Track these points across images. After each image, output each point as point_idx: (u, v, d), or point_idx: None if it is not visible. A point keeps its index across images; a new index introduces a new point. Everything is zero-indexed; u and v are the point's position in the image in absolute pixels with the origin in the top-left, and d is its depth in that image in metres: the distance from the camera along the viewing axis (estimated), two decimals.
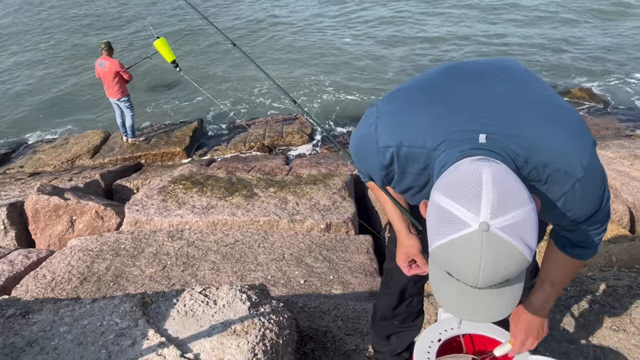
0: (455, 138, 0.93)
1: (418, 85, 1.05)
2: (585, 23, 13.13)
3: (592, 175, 0.96)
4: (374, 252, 3.48)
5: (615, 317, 2.00)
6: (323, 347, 1.88)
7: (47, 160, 7.66)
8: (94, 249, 3.43)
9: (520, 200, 0.79)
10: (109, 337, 1.47)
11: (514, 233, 0.77)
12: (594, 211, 1.02)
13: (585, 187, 0.96)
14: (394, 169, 1.04)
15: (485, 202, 0.77)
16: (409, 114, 1.00)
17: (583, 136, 0.97)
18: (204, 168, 5.26)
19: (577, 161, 0.93)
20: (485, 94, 0.98)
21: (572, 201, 0.97)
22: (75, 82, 11.62)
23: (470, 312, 0.90)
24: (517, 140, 0.91)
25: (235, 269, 3.15)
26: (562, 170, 0.93)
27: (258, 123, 8.65)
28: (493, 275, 0.78)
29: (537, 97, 0.99)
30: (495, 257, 0.77)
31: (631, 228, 3.99)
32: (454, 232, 0.78)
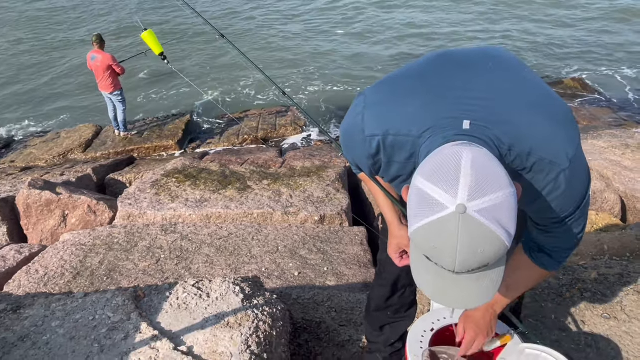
0: (440, 125, 0.92)
1: (405, 74, 1.05)
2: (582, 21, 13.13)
3: (577, 167, 0.96)
4: (368, 243, 3.49)
5: (607, 304, 2.01)
6: (317, 338, 1.89)
7: (39, 154, 7.59)
8: (86, 243, 3.41)
9: (499, 184, 0.78)
10: (102, 331, 1.46)
11: (491, 216, 0.76)
12: (575, 207, 1.01)
13: (570, 179, 0.95)
14: (381, 158, 1.04)
15: (463, 184, 0.77)
16: (395, 103, 1.00)
17: (569, 127, 0.96)
18: (197, 161, 5.24)
19: (563, 151, 0.93)
20: (472, 82, 0.97)
21: (555, 192, 0.97)
22: (64, 75, 11.50)
23: (450, 298, 0.90)
24: (501, 127, 0.91)
25: (229, 262, 3.15)
26: (546, 159, 0.93)
27: (251, 115, 8.61)
28: (470, 258, 0.78)
29: (524, 86, 0.99)
30: (472, 240, 0.77)
31: (622, 217, 4.03)
32: (431, 215, 0.78)
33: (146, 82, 10.64)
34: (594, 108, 8.37)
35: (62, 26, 15.27)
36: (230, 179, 4.55)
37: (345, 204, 4.00)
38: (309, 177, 4.56)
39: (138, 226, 3.66)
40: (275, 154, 6.36)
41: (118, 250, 3.31)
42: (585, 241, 3.12)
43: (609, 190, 4.12)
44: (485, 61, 1.02)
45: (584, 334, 1.87)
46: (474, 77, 0.98)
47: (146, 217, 3.91)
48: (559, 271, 2.31)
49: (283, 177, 4.56)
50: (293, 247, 3.32)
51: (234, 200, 4.06)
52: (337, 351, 1.82)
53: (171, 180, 4.53)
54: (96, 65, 7.04)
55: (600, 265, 2.37)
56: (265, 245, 3.35)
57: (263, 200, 4.05)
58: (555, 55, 11.13)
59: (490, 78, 0.98)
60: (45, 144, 7.97)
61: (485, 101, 0.93)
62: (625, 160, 4.59)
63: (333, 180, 4.44)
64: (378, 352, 1.65)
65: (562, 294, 2.11)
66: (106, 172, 5.89)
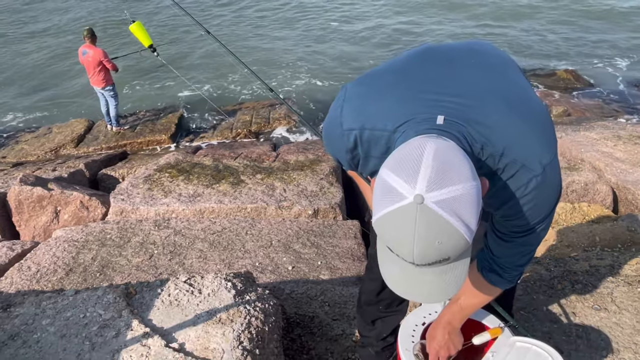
0: (415, 119, 0.92)
1: (388, 68, 1.04)
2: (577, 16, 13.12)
3: (549, 177, 0.94)
4: (362, 237, 3.49)
5: (597, 296, 2.03)
6: (310, 332, 1.89)
7: (30, 150, 7.53)
8: (79, 239, 3.39)
9: (460, 176, 0.77)
10: (93, 328, 1.46)
11: (449, 208, 0.75)
12: (540, 218, 1.00)
13: (540, 188, 0.94)
14: (359, 153, 1.04)
15: (423, 175, 0.76)
16: (373, 97, 0.99)
17: (547, 134, 0.95)
18: (190, 156, 5.21)
19: (537, 157, 0.92)
20: (452, 79, 0.96)
21: (523, 198, 0.95)
22: (55, 68, 11.37)
23: (412, 291, 0.89)
24: (476, 125, 0.90)
25: (223, 257, 3.15)
26: (519, 161, 0.92)
27: (244, 109, 8.57)
28: (428, 250, 0.77)
29: (505, 86, 0.98)
30: (429, 232, 0.76)
31: (614, 208, 4.06)
32: (391, 205, 0.77)
33: (137, 76, 10.55)
34: (586, 100, 8.39)
35: (50, 16, 15.08)
36: (223, 173, 4.54)
37: (338, 198, 4.00)
38: (302, 170, 4.56)
39: (131, 222, 3.64)
40: (268, 148, 6.33)
41: (111, 246, 3.30)
42: (577, 232, 3.14)
43: (601, 182, 4.14)
44: (468, 57, 1.02)
45: (575, 326, 1.88)
46: (454, 73, 0.97)
47: (139, 212, 3.89)
48: (550, 263, 2.32)
49: (276, 171, 4.55)
50: (287, 242, 3.32)
51: (227, 195, 4.04)
52: (330, 345, 1.82)
53: (164, 175, 4.51)
54: (87, 61, 6.97)
55: (591, 257, 2.39)
56: (259, 239, 3.35)
57: (256, 195, 4.04)
58: (549, 46, 11.14)
59: (470, 76, 0.97)
60: (36, 139, 7.90)
61: (462, 99, 0.92)
62: (617, 152, 4.61)
63: (327, 173, 4.44)
64: (370, 346, 1.66)
65: (553, 285, 2.13)
66: (99, 167, 5.86)
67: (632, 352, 1.73)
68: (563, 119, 7.28)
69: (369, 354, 1.67)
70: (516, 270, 1.13)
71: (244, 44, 12.02)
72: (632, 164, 4.35)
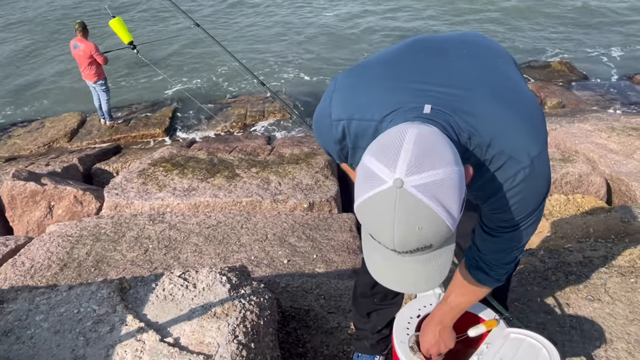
0: (403, 109, 0.91)
1: (378, 59, 1.04)
2: None
3: (538, 170, 0.93)
4: (357, 230, 3.49)
5: (591, 287, 2.04)
6: (305, 325, 1.89)
7: (23, 144, 7.46)
8: (73, 234, 3.37)
9: (441, 161, 0.76)
10: (87, 324, 1.45)
11: (429, 193, 0.74)
12: (527, 213, 0.99)
13: (529, 179, 0.93)
14: (347, 144, 1.04)
15: (403, 158, 0.75)
16: (362, 88, 0.99)
17: (536, 126, 0.94)
18: (184, 149, 5.19)
19: (525, 148, 0.91)
20: (443, 68, 0.96)
21: (511, 190, 0.94)
22: (46, 62, 11.26)
23: (395, 281, 0.89)
24: (463, 115, 0.89)
25: (218, 251, 3.14)
26: (506, 153, 0.90)
27: (239, 102, 8.53)
28: (408, 236, 0.76)
29: (495, 77, 0.97)
30: (409, 217, 0.74)
31: (608, 199, 4.08)
32: (370, 190, 0.77)
33: (130, 70, 10.45)
34: (580, 91, 8.41)
35: (40, 9, 14.89)
36: (218, 167, 4.52)
37: (334, 191, 3.99)
38: (297, 164, 4.55)
39: (125, 216, 3.63)
40: (263, 141, 6.31)
41: (105, 241, 3.28)
42: (571, 224, 3.16)
43: (595, 173, 4.16)
44: (459, 47, 1.01)
45: (569, 316, 1.90)
46: (444, 64, 0.97)
47: (133, 207, 3.88)
48: (544, 254, 2.34)
49: (272, 165, 4.54)
50: (282, 235, 3.32)
51: (222, 189, 4.03)
52: (326, 338, 1.83)
53: (158, 169, 4.49)
54: (78, 54, 6.90)
55: (585, 248, 2.40)
56: (254, 233, 3.35)
57: (252, 188, 4.03)
58: (542, 36, 11.14)
59: (461, 66, 0.97)
60: (29, 134, 7.83)
61: (451, 89, 0.92)
62: (611, 143, 4.63)
63: (322, 167, 4.43)
64: (365, 338, 1.66)
65: (547, 277, 2.14)
66: (92, 162, 5.82)
67: (625, 342, 1.75)
68: (557, 110, 7.30)
69: (364, 347, 1.67)
70: (503, 269, 1.13)
71: (231, 37, 11.94)
72: (626, 155, 4.37)
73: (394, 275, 0.88)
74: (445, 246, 0.83)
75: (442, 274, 0.85)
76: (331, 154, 1.15)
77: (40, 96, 9.76)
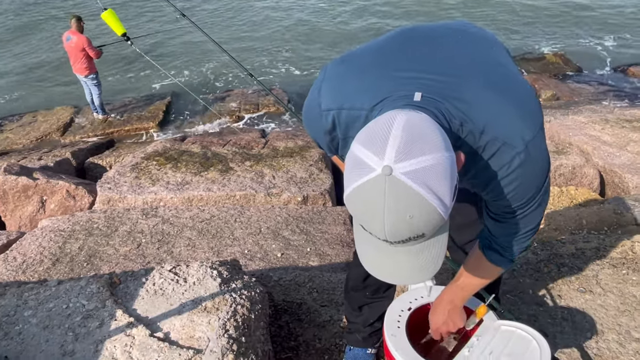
0: (392, 97, 0.90)
1: (367, 48, 1.03)
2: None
3: (534, 154, 0.92)
4: (351, 223, 3.49)
5: (583, 278, 2.05)
6: (298, 319, 1.89)
7: (15, 139, 7.40)
8: (65, 229, 3.35)
9: (431, 146, 0.74)
10: (76, 319, 1.44)
11: (419, 179, 0.72)
12: (528, 198, 0.98)
13: (525, 164, 0.91)
14: (337, 134, 1.02)
15: (392, 145, 0.73)
16: (352, 77, 0.98)
17: (530, 110, 0.93)
18: (178, 143, 5.16)
19: (518, 133, 0.89)
20: (432, 56, 0.95)
21: (508, 177, 0.93)
22: (38, 55, 11.14)
23: (388, 273, 0.87)
24: (454, 102, 0.88)
25: (212, 245, 3.13)
26: (500, 139, 0.89)
27: (233, 96, 8.48)
28: (399, 225, 0.74)
29: (486, 63, 0.96)
30: (399, 204, 0.72)
31: (601, 191, 4.09)
32: (359, 178, 0.75)
33: (122, 64, 10.37)
34: (574, 83, 8.42)
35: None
36: (212, 160, 4.50)
37: (328, 184, 3.98)
38: (291, 157, 4.53)
39: (118, 210, 3.61)
40: (257, 135, 6.29)
41: (98, 235, 3.26)
42: (565, 216, 3.16)
43: (588, 165, 4.17)
44: (449, 35, 1.00)
45: (560, 308, 1.90)
46: (434, 51, 0.96)
47: (126, 201, 3.85)
48: (537, 246, 2.34)
49: (265, 158, 4.53)
50: (276, 229, 3.31)
51: (215, 182, 4.01)
52: (318, 331, 1.82)
53: (151, 163, 4.46)
54: (70, 47, 6.83)
55: (577, 240, 2.41)
56: (248, 227, 3.34)
57: (245, 182, 4.01)
58: (536, 28, 11.11)
59: (450, 53, 0.95)
60: (21, 128, 7.76)
61: (441, 76, 0.90)
62: (605, 135, 4.64)
63: (316, 160, 4.42)
64: (357, 332, 1.66)
65: (539, 269, 2.14)
66: (85, 156, 5.78)
67: (616, 333, 1.75)
68: (552, 103, 7.30)
69: (357, 340, 1.67)
70: (517, 250, 1.11)
71: (222, 31, 11.84)
72: (619, 147, 4.38)
73: (386, 266, 0.87)
74: (438, 235, 0.81)
75: (436, 265, 0.84)
76: (321, 146, 1.13)
77: (32, 90, 9.67)
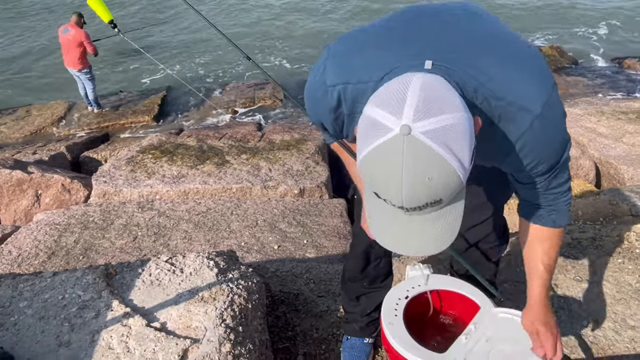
0: (402, 67, 0.87)
1: (372, 25, 1.01)
2: None
3: (552, 114, 0.90)
4: (348, 215, 3.49)
5: (579, 268, 2.06)
6: (295, 309, 1.89)
7: (9, 133, 7.34)
8: (61, 222, 3.33)
9: (450, 106, 0.72)
10: (72, 310, 1.43)
11: (438, 139, 0.70)
12: (557, 159, 0.97)
13: (545, 127, 0.89)
14: (343, 111, 1.00)
15: (409, 104, 0.71)
16: (357, 52, 0.96)
17: (542, 73, 0.91)
18: (173, 137, 5.13)
19: (533, 96, 0.88)
20: (439, 27, 0.93)
21: (532, 143, 0.91)
22: (29, 49, 11.04)
23: (402, 244, 0.84)
24: (467, 69, 0.86)
25: (208, 237, 3.12)
26: (516, 103, 0.87)
27: (229, 89, 8.45)
28: (417, 188, 0.71)
29: (495, 32, 0.95)
30: (418, 165, 0.70)
31: (597, 183, 4.10)
32: (375, 140, 0.72)
33: (117, 57, 10.29)
34: (570, 76, 8.43)
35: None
36: (208, 153, 4.48)
37: (324, 177, 3.98)
38: (288, 150, 4.52)
39: (114, 204, 3.59)
40: (253, 128, 6.27)
41: (94, 228, 3.25)
42: None
43: (584, 157, 4.18)
44: (454, 10, 0.99)
45: (557, 297, 1.91)
46: (441, 23, 0.95)
47: (122, 194, 3.83)
48: None
49: (262, 151, 4.51)
50: (272, 221, 3.30)
51: (212, 175, 4.00)
52: (315, 321, 1.82)
53: (147, 156, 4.44)
54: (67, 39, 6.77)
55: (573, 230, 2.41)
56: (245, 219, 3.33)
57: (242, 175, 4.00)
58: (532, 20, 11.11)
59: (458, 25, 0.94)
60: (15, 122, 7.70)
61: (451, 46, 0.89)
62: (600, 127, 4.65)
63: (312, 153, 4.41)
64: (355, 321, 1.66)
65: None
66: (80, 150, 5.75)
67: (612, 322, 1.76)
68: None
69: (354, 329, 1.67)
70: (566, 203, 1.08)
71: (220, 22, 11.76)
72: (615, 139, 4.39)
73: (400, 237, 0.83)
74: (455, 202, 0.78)
75: (452, 233, 0.81)
76: (325, 127, 1.10)
77: (26, 84, 9.60)
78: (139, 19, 11.85)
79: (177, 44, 10.71)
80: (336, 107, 1.00)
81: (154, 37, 10.97)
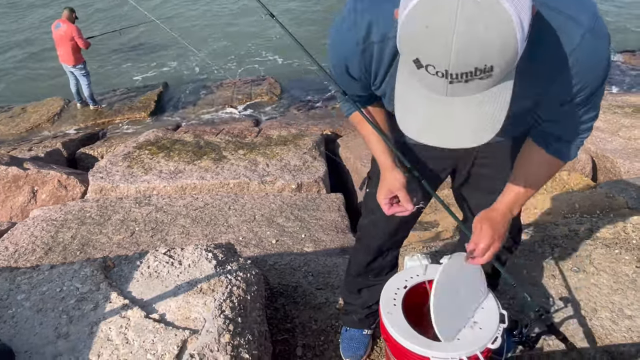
0: None
1: None
2: None
3: (600, 31, 0.85)
4: (345, 209, 3.49)
5: (576, 258, 2.06)
6: (293, 301, 1.89)
7: (5, 130, 7.30)
8: (58, 218, 3.32)
9: None
10: (70, 302, 1.42)
11: None
12: (599, 84, 0.92)
13: (595, 43, 0.85)
14: (372, 41, 0.94)
15: None
16: None
17: None
18: (170, 132, 5.12)
19: (584, 8, 0.83)
20: None
21: (581, 61, 0.86)
22: (24, 46, 10.98)
23: (435, 132, 0.76)
24: None
25: (206, 232, 3.12)
26: (564, 12, 0.82)
27: (226, 85, 8.42)
28: (471, 40, 0.63)
29: None
30: (475, 9, 0.62)
31: (593, 176, 4.11)
32: None
33: (111, 54, 10.24)
34: None
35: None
36: (205, 149, 4.47)
37: (322, 171, 3.98)
38: (285, 145, 4.51)
39: (111, 199, 3.58)
40: (250, 123, 6.26)
41: (91, 224, 3.24)
42: (558, 200, 3.18)
43: (581, 151, 4.19)
44: None
45: (555, 287, 1.92)
46: None
47: (119, 190, 3.83)
48: (531, 228, 2.35)
49: (259, 146, 4.51)
50: (270, 216, 3.30)
51: (209, 171, 3.99)
52: (314, 313, 1.82)
53: (144, 152, 4.43)
54: (59, 35, 6.73)
55: (571, 222, 2.42)
56: (242, 214, 3.32)
57: (239, 170, 3.99)
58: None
59: None
60: (11, 119, 7.66)
61: None
62: (597, 121, 4.63)
63: (310, 148, 4.41)
64: (354, 313, 1.66)
65: (534, 249, 2.15)
66: (76, 147, 5.73)
67: (609, 311, 1.77)
68: None
69: (353, 321, 1.67)
70: (582, 137, 1.06)
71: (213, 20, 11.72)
72: (611, 133, 4.40)
73: (435, 124, 0.75)
74: (505, 81, 0.71)
75: (494, 126, 0.73)
76: (350, 66, 1.02)
77: (21, 81, 9.54)
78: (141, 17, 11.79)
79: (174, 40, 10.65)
80: (365, 37, 0.94)
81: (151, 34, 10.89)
